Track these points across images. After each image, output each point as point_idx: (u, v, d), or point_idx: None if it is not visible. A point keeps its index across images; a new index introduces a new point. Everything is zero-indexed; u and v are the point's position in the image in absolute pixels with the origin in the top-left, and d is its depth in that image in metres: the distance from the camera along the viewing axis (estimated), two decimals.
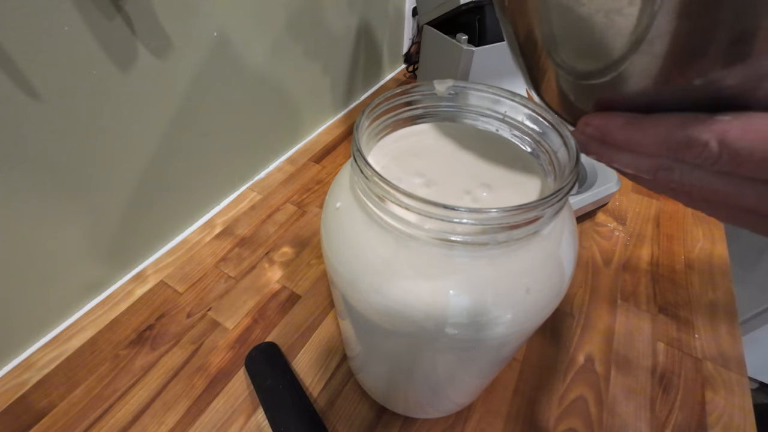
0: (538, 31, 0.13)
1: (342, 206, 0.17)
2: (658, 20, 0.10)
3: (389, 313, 0.15)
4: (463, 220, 0.12)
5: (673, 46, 0.10)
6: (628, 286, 0.38)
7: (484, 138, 0.20)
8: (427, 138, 0.20)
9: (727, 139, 0.10)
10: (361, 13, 0.57)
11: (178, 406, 0.29)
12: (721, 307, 0.36)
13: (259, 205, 0.46)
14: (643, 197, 0.47)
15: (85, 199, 0.32)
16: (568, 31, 0.12)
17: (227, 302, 0.36)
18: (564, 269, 0.16)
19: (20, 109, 0.26)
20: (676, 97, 0.11)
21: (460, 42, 0.46)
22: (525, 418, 0.29)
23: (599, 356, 0.32)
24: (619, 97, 0.12)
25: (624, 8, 0.10)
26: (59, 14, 0.25)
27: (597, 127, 0.13)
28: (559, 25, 0.12)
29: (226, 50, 0.38)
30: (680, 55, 0.10)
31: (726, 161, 0.10)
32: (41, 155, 0.28)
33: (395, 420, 0.29)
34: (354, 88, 0.63)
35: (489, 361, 0.19)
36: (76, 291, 0.35)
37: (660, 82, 0.11)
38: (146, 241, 0.39)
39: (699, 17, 0.09)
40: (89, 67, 0.28)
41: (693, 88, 0.11)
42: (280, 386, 0.29)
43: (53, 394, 0.30)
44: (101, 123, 0.31)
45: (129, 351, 0.32)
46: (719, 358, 0.32)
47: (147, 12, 0.30)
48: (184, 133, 0.38)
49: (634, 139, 0.12)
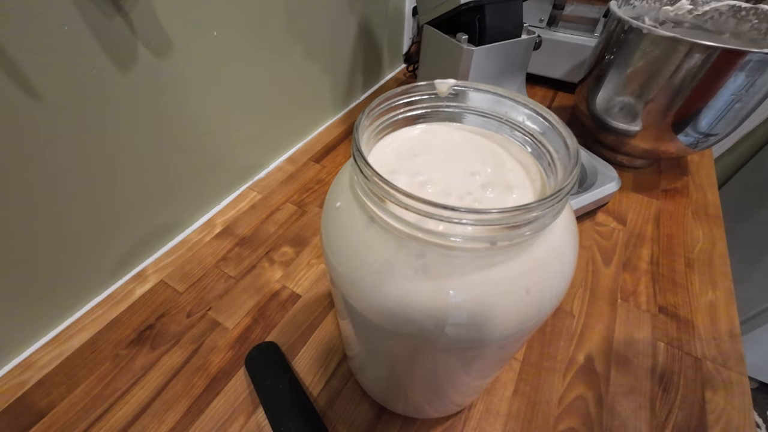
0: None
1: (342, 206, 0.17)
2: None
3: (389, 313, 0.15)
4: (463, 220, 0.12)
5: None
6: (628, 286, 0.38)
7: (485, 138, 0.20)
8: (428, 138, 0.20)
9: None
10: (360, 13, 0.57)
11: (179, 406, 0.29)
12: (721, 307, 0.36)
13: (259, 205, 0.46)
14: (643, 197, 0.47)
15: (84, 198, 0.32)
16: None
17: (227, 302, 0.36)
18: (564, 269, 0.16)
19: (20, 109, 0.26)
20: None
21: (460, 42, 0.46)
22: (525, 418, 0.29)
23: (599, 356, 0.32)
24: None
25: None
26: (59, 14, 0.25)
27: None
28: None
29: (226, 50, 0.38)
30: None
31: None
32: (41, 155, 0.28)
33: (395, 420, 0.29)
34: (354, 88, 0.63)
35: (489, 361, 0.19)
36: (76, 291, 0.35)
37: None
38: (146, 241, 0.39)
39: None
40: (89, 66, 0.28)
41: None
42: (280, 386, 0.29)
43: (53, 394, 0.30)
44: (101, 122, 0.31)
45: (129, 350, 0.32)
46: (719, 358, 0.32)
47: (147, 12, 0.30)
48: (184, 133, 0.38)
49: None
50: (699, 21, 0.46)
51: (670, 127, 0.41)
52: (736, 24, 0.43)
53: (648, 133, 0.43)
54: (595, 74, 0.45)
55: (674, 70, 0.37)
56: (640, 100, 0.41)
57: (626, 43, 0.40)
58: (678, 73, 0.37)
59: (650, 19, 0.48)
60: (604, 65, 0.43)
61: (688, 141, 0.42)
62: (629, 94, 0.42)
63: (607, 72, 0.43)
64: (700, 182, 0.50)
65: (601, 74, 0.44)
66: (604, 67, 0.44)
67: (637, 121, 0.43)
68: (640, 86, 0.41)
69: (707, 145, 0.43)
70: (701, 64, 0.36)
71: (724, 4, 0.44)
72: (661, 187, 0.49)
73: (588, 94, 0.47)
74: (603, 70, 0.44)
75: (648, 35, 0.38)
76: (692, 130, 0.41)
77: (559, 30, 0.61)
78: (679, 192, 0.48)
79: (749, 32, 0.42)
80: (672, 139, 0.42)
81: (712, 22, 0.45)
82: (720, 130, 0.41)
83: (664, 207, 0.46)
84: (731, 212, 0.89)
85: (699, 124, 0.40)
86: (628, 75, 0.41)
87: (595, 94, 0.45)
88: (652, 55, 0.38)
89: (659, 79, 0.39)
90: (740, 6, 0.43)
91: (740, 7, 0.43)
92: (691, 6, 0.46)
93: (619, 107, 0.44)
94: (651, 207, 0.46)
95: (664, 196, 0.48)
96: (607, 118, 0.45)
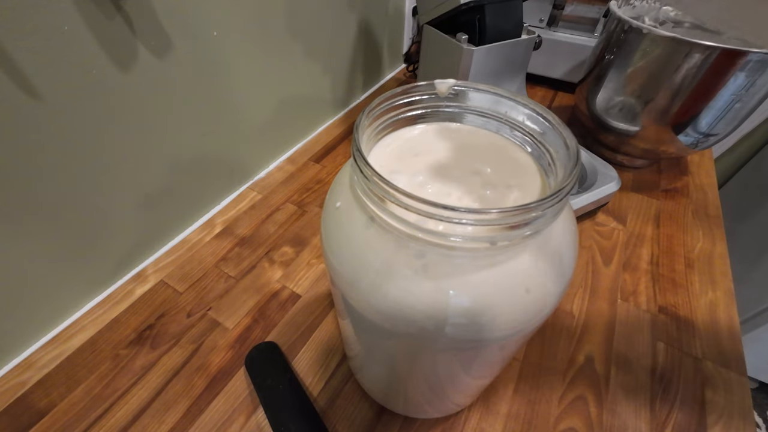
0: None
1: (342, 206, 0.17)
2: None
3: (389, 313, 0.15)
4: (462, 220, 0.12)
5: None
6: (628, 286, 0.38)
7: (485, 138, 0.20)
8: (428, 138, 0.20)
9: None
10: (361, 13, 0.57)
11: (179, 406, 0.29)
12: (721, 307, 0.36)
13: (259, 205, 0.46)
14: (643, 197, 0.47)
15: (84, 198, 0.32)
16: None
17: (227, 302, 0.36)
18: (564, 269, 0.16)
19: (20, 109, 0.26)
20: None
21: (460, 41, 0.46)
22: (525, 418, 0.29)
23: (599, 356, 0.32)
24: None
25: None
26: (59, 14, 0.25)
27: None
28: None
29: (226, 50, 0.38)
30: None
31: None
32: (40, 155, 0.28)
33: (395, 420, 0.29)
34: (354, 88, 0.63)
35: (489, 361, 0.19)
36: (76, 290, 0.35)
37: None
38: (146, 241, 0.39)
39: None
40: (89, 66, 0.28)
41: None
42: (280, 386, 0.29)
43: (53, 394, 0.30)
44: (101, 122, 0.31)
45: (129, 350, 0.32)
46: (719, 358, 0.32)
47: (147, 11, 0.30)
48: (184, 133, 0.38)
49: None
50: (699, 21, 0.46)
51: (670, 127, 0.41)
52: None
53: (648, 133, 0.43)
54: (595, 74, 0.45)
55: (674, 70, 0.37)
56: (640, 100, 0.41)
57: (626, 43, 0.40)
58: (678, 73, 0.37)
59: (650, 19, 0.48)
60: (604, 65, 0.43)
61: (688, 141, 0.42)
62: (629, 94, 0.42)
63: (607, 72, 0.43)
64: (700, 182, 0.50)
65: (601, 74, 0.44)
66: (604, 67, 0.44)
67: (637, 121, 0.43)
68: (640, 86, 0.41)
69: (707, 145, 0.43)
70: (701, 64, 0.36)
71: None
72: (661, 187, 0.49)
73: (588, 94, 0.47)
74: (603, 70, 0.44)
75: (648, 35, 0.38)
76: (692, 130, 0.41)
77: (559, 30, 0.61)
78: (679, 192, 0.48)
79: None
80: (672, 139, 0.42)
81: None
82: (720, 130, 0.41)
83: (664, 207, 0.46)
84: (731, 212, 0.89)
85: (699, 124, 0.40)
86: (628, 75, 0.41)
87: (595, 94, 0.45)
88: (652, 55, 0.38)
89: (659, 79, 0.39)
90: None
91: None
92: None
93: (619, 107, 0.44)
94: (651, 207, 0.46)
95: (664, 196, 0.48)
96: (607, 118, 0.45)
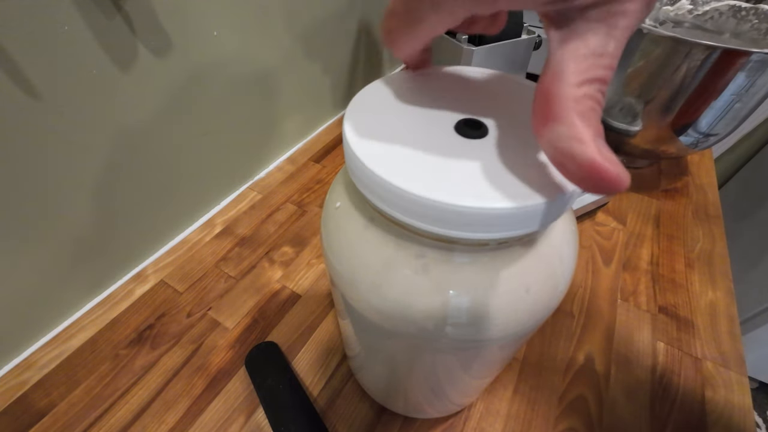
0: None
1: (342, 206, 0.17)
2: None
3: (389, 313, 0.15)
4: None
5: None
6: (628, 286, 0.38)
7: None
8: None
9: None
10: (361, 13, 0.57)
11: (179, 406, 0.29)
12: (721, 307, 0.36)
13: (259, 205, 0.46)
14: (643, 197, 0.47)
15: (84, 198, 0.32)
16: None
17: (227, 302, 0.36)
18: (564, 269, 0.16)
19: (20, 109, 0.26)
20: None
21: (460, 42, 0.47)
22: (525, 418, 0.29)
23: (599, 356, 0.32)
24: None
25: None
26: (59, 14, 0.25)
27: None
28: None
29: (226, 50, 0.38)
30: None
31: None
32: (40, 155, 0.28)
33: (395, 420, 0.29)
34: (354, 88, 0.63)
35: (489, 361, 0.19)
36: (76, 290, 0.35)
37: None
38: (146, 241, 0.39)
39: None
40: (89, 66, 0.28)
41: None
42: (280, 386, 0.29)
43: (53, 394, 0.30)
44: (101, 122, 0.31)
45: (129, 350, 0.32)
46: (719, 358, 0.32)
47: (147, 11, 0.30)
48: (184, 133, 0.38)
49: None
50: (699, 21, 0.46)
51: (670, 127, 0.41)
52: (736, 24, 0.43)
53: (648, 133, 0.43)
54: None
55: (674, 70, 0.37)
56: (640, 100, 0.41)
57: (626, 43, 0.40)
58: (678, 73, 0.37)
59: (650, 19, 0.48)
60: None
61: (688, 141, 0.42)
62: (629, 94, 0.42)
63: None
64: (700, 182, 0.50)
65: None
66: None
67: (637, 121, 0.43)
68: (640, 86, 0.41)
69: (707, 145, 0.43)
70: (701, 64, 0.36)
71: (724, 4, 0.44)
72: (661, 187, 0.49)
73: None
74: None
75: (648, 35, 0.38)
76: (692, 130, 0.41)
77: None
78: (679, 192, 0.48)
79: (749, 32, 0.42)
80: (672, 139, 0.42)
81: (712, 22, 0.45)
82: (720, 130, 0.41)
83: (664, 207, 0.46)
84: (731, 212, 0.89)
85: (699, 124, 0.40)
86: (628, 75, 0.41)
87: None
88: (652, 55, 0.38)
89: (659, 79, 0.39)
90: (740, 6, 0.43)
91: (740, 7, 0.43)
92: (691, 6, 0.46)
93: (619, 107, 0.44)
94: (651, 207, 0.46)
95: (664, 196, 0.48)
96: (607, 118, 0.45)
